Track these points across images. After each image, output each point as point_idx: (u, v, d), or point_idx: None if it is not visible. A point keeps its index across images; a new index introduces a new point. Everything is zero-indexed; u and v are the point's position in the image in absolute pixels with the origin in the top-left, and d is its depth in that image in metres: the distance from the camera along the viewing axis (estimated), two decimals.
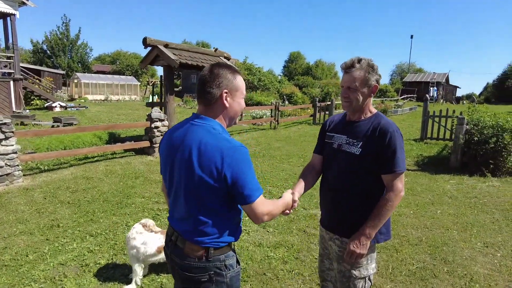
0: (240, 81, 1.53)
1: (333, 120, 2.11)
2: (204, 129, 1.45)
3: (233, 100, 1.51)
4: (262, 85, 29.35)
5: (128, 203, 4.94)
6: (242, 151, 1.38)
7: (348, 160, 1.82)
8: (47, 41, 30.17)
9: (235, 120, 1.60)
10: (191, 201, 1.45)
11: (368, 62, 1.82)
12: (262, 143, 9.94)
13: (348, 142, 1.87)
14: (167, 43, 7.64)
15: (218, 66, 1.52)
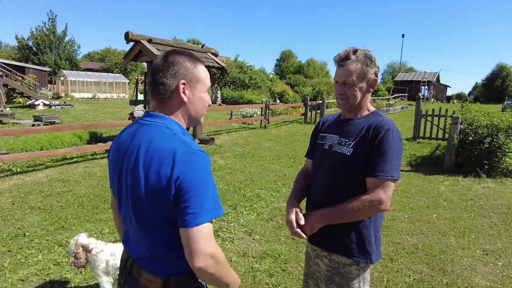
0: (202, 71, 1.23)
1: (327, 120, 1.85)
2: (156, 129, 1.14)
3: (192, 93, 1.20)
4: (253, 84, 29.06)
5: (105, 208, 4.59)
6: (201, 157, 1.07)
7: (339, 162, 1.56)
8: (33, 37, 29.33)
9: (199, 119, 1.29)
10: (141, 220, 1.15)
11: (365, 52, 1.55)
12: (251, 143, 9.64)
13: (340, 142, 1.61)
14: (150, 38, 7.28)
15: (174, 52, 1.21)
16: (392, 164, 1.43)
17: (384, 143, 1.44)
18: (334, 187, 1.58)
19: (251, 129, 12.25)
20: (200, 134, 9.11)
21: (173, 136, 1.11)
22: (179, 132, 1.15)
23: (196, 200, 1.03)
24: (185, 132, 1.21)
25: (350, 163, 1.52)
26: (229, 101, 24.60)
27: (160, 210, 1.09)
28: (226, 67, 8.61)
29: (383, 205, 1.43)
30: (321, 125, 1.86)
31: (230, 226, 4.22)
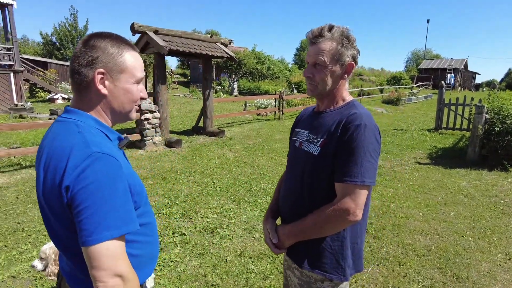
0: (129, 58, 1.02)
1: (304, 114, 1.60)
2: (64, 126, 0.96)
3: (114, 85, 1.00)
4: (271, 74, 28.61)
5: None
6: (101, 162, 0.87)
7: (306, 163, 1.33)
8: (56, 33, 30.08)
9: (129, 115, 1.09)
10: (50, 232, 0.99)
11: (342, 30, 1.29)
12: (262, 135, 9.40)
13: (308, 138, 1.38)
14: (157, 28, 7.13)
15: (97, 35, 1.01)
16: (364, 167, 1.18)
17: (353, 141, 1.19)
18: (301, 194, 1.35)
19: (264, 121, 12.00)
20: (211, 126, 8.96)
21: (76, 135, 0.92)
22: (89, 129, 0.96)
23: (91, 214, 0.84)
24: (105, 129, 1.01)
25: (317, 164, 1.29)
26: (245, 92, 24.36)
27: (61, 223, 0.92)
28: (234, 57, 8.37)
29: (351, 215, 1.19)
30: (298, 118, 1.62)
31: (231, 223, 4.05)
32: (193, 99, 19.56)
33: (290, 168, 1.49)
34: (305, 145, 1.37)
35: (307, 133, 1.40)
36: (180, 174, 5.82)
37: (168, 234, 3.77)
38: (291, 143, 1.53)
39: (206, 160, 6.67)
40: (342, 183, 1.20)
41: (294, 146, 1.48)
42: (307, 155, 1.34)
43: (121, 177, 0.91)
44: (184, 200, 4.70)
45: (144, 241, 1.07)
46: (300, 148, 1.40)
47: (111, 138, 1.03)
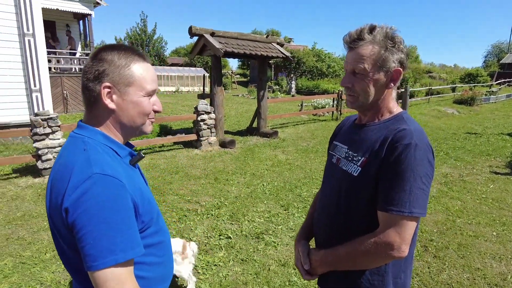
0: (138, 70, 0.97)
1: (345, 124, 1.44)
2: (72, 143, 0.96)
3: (122, 99, 0.96)
4: (331, 72, 27.81)
5: (159, 201, 4.72)
6: (101, 184, 0.84)
7: (344, 184, 1.18)
8: (128, 37, 32.69)
9: (142, 129, 1.04)
10: (61, 256, 0.97)
11: (386, 32, 1.11)
12: (317, 137, 9.12)
13: (347, 156, 1.22)
14: (213, 31, 7.27)
15: (106, 48, 0.98)
16: (413, 195, 1.00)
17: (401, 163, 1.01)
18: (337, 217, 1.21)
19: (320, 121, 11.65)
20: (264, 127, 8.93)
21: (80, 152, 0.90)
22: (96, 146, 0.93)
23: (93, 240, 0.81)
24: (114, 146, 0.97)
25: (357, 187, 1.13)
26: (303, 92, 24.00)
27: (68, 245, 0.90)
28: (289, 56, 8.21)
29: (395, 251, 1.01)
30: (338, 129, 1.47)
31: (278, 229, 3.95)
32: (250, 99, 19.80)
33: (325, 186, 1.34)
34: (343, 163, 1.22)
35: (346, 149, 1.25)
36: (231, 175, 5.86)
37: (215, 236, 3.80)
38: (329, 157, 1.38)
39: (258, 162, 6.64)
40: (386, 212, 1.03)
41: (331, 162, 1.32)
42: (345, 175, 1.18)
43: (123, 199, 0.87)
44: (233, 202, 4.71)
45: (153, 262, 1.02)
46: (337, 166, 1.25)
47: (120, 154, 0.99)
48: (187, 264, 2.81)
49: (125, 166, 0.98)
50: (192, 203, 4.69)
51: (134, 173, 1.03)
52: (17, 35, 7.71)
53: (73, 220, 0.81)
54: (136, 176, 1.02)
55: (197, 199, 4.81)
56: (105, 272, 0.81)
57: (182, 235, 3.80)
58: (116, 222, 0.83)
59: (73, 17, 14.57)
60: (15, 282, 2.94)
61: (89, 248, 0.81)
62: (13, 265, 3.20)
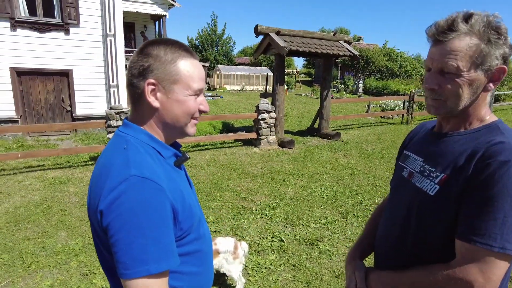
0: (184, 67, 0.91)
1: (418, 131, 1.24)
2: (115, 141, 0.93)
3: (167, 97, 0.91)
4: (403, 72, 26.03)
5: (217, 196, 4.80)
6: (140, 187, 0.79)
7: (417, 202, 0.99)
8: (199, 37, 34.35)
9: (185, 129, 0.98)
10: (99, 258, 0.95)
11: (487, 20, 0.90)
12: (385, 141, 8.52)
13: (422, 170, 1.03)
14: (279, 29, 7.20)
15: (152, 42, 0.93)
16: (507, 226, 0.79)
17: (494, 184, 0.81)
18: (405, 239, 1.03)
19: (388, 125, 10.90)
20: (326, 128, 8.63)
21: (120, 152, 0.86)
22: (138, 145, 0.88)
23: (126, 247, 0.76)
24: (158, 146, 0.93)
25: (432, 208, 0.94)
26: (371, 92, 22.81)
27: (104, 246, 0.87)
28: (357, 55, 7.79)
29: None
30: (410, 136, 1.27)
31: (333, 237, 3.74)
32: (314, 99, 19.41)
33: (393, 203, 1.16)
34: (417, 178, 1.03)
35: (421, 161, 1.06)
36: (288, 175, 5.75)
37: (267, 237, 3.73)
38: (398, 168, 1.19)
39: (317, 164, 6.42)
40: (468, 242, 0.83)
41: (401, 175, 1.13)
42: (418, 192, 1.00)
43: (160, 204, 0.81)
44: (288, 204, 4.60)
45: (190, 272, 0.96)
46: (409, 181, 1.06)
47: (164, 155, 0.94)
48: (237, 264, 2.78)
49: (168, 168, 0.93)
50: (248, 201, 4.68)
51: (178, 175, 0.97)
52: (101, 36, 8.51)
53: (107, 224, 0.78)
54: (179, 179, 0.96)
55: (252, 198, 4.79)
56: (137, 282, 0.77)
57: (236, 233, 3.80)
58: (151, 229, 0.78)
59: (150, 18, 15.69)
60: (83, 262, 3.20)
61: (121, 255, 0.77)
62: (82, 245, 3.49)
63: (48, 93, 8.34)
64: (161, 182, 0.83)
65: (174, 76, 0.90)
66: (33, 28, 7.85)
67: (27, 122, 8.20)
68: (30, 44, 7.84)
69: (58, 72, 8.26)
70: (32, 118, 8.29)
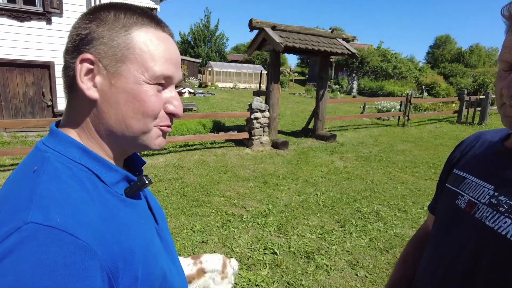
0: (142, 38, 0.58)
1: (474, 144, 0.91)
2: (28, 163, 0.57)
3: (110, 83, 0.57)
4: (397, 73, 25.93)
5: (205, 202, 4.44)
6: (37, 244, 0.44)
7: (487, 249, 0.70)
8: (192, 32, 33.74)
9: (142, 139, 0.63)
10: None
11: None
12: (381, 143, 8.25)
13: (495, 203, 0.72)
14: (274, 24, 6.85)
15: (103, 6, 0.58)
16: None
17: None
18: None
19: (384, 126, 10.65)
20: (321, 129, 8.31)
21: (27, 178, 0.53)
22: (60, 167, 0.54)
23: None
24: (97, 166, 0.58)
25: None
26: (366, 93, 22.65)
27: None
28: (356, 53, 7.48)
29: None
30: (461, 150, 0.93)
31: (331, 250, 3.41)
32: (307, 98, 19.14)
33: (443, 240, 0.83)
34: (485, 214, 0.72)
35: (490, 189, 0.74)
36: (282, 179, 5.41)
37: (259, 249, 3.38)
38: (449, 195, 0.86)
39: (312, 167, 6.09)
40: None
41: (454, 204, 0.82)
42: (490, 234, 0.69)
43: (80, 276, 0.45)
44: (281, 211, 4.26)
45: None
46: (470, 215, 0.75)
47: (106, 180, 0.58)
48: (226, 284, 2.43)
49: (111, 202, 0.56)
50: (238, 208, 4.33)
51: (132, 211, 0.60)
52: None
53: None
54: (134, 218, 0.60)
55: (243, 204, 4.44)
56: None
57: (224, 244, 3.45)
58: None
59: None
60: None
61: None
62: None
63: (27, 86, 7.84)
64: (86, 234, 0.47)
65: (122, 51, 0.55)
66: (12, 16, 7.34)
67: (3, 117, 7.70)
68: (8, 33, 7.33)
69: (39, 64, 7.76)
70: (9, 113, 7.79)
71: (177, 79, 0.62)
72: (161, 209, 0.79)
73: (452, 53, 45.45)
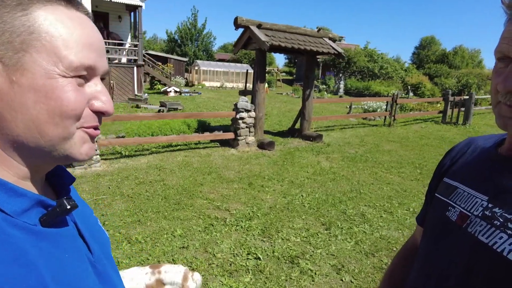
0: (49, 20, 0.43)
1: (465, 150, 0.82)
2: None
3: (10, 79, 0.42)
4: (383, 74, 26.19)
5: (187, 205, 4.29)
6: None
7: (481, 265, 0.61)
8: (179, 31, 33.37)
9: (70, 150, 0.49)
10: None
11: None
12: (368, 143, 8.23)
13: (489, 215, 0.64)
14: (260, 23, 6.73)
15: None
16: None
17: None
18: None
19: (371, 126, 10.67)
20: (308, 129, 8.24)
21: None
22: None
23: None
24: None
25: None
26: (352, 93, 22.79)
27: None
28: (343, 53, 7.43)
29: None
30: (451, 157, 0.85)
31: (316, 254, 3.32)
32: (295, 98, 19.11)
33: (433, 253, 0.75)
34: (479, 227, 0.64)
35: (484, 200, 0.66)
36: (267, 180, 5.30)
37: (242, 254, 3.26)
38: (437, 205, 0.78)
39: (298, 168, 6.00)
40: None
41: (444, 216, 0.73)
42: (485, 250, 0.61)
43: None
44: (266, 213, 4.15)
45: None
46: (462, 229, 0.67)
47: (7, 210, 0.44)
48: None
49: (14, 238, 0.42)
50: (222, 211, 4.20)
51: (49, 246, 0.46)
52: None
53: None
54: (51, 254, 0.46)
55: (227, 206, 4.31)
56: None
57: (206, 249, 3.32)
58: None
59: (125, 8, 14.85)
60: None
61: None
62: None
63: None
64: None
65: (21, 36, 0.42)
66: None
67: None
68: None
69: None
70: None
71: (101, 69, 0.49)
72: (102, 234, 0.65)
73: (437, 54, 46.26)
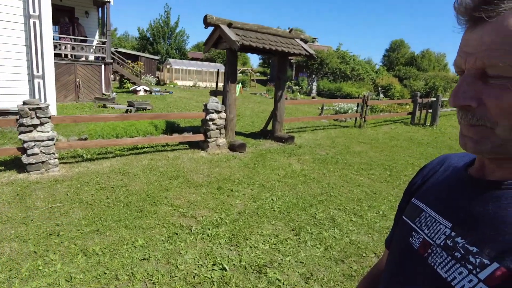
0: None
1: (437, 169, 0.72)
2: None
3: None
4: (355, 75, 26.71)
5: (150, 212, 4.05)
6: None
7: None
8: (151, 29, 32.51)
9: None
10: None
11: None
12: (338, 145, 8.26)
13: (451, 246, 0.54)
14: (231, 22, 6.56)
15: None
16: None
17: None
18: None
19: (342, 128, 10.76)
20: (280, 131, 8.16)
21: None
22: None
23: None
24: None
25: None
26: (324, 94, 23.05)
27: None
28: (314, 54, 7.39)
29: None
30: (422, 176, 0.76)
31: (285, 262, 3.20)
32: (268, 99, 19.05)
33: (395, 279, 0.65)
34: (439, 259, 0.55)
35: (447, 227, 0.57)
36: (237, 184, 5.14)
37: (207, 265, 3.09)
38: (404, 228, 0.69)
39: (269, 170, 5.89)
40: None
41: (407, 242, 0.64)
42: (442, 286, 0.52)
43: None
44: (235, 220, 3.99)
45: None
46: (423, 258, 0.58)
47: None
48: None
49: None
50: (187, 218, 4.00)
51: None
52: (22, 16, 7.22)
53: None
54: None
55: (193, 213, 4.11)
56: None
57: (168, 261, 3.12)
58: None
59: (92, 4, 14.20)
60: None
61: None
62: None
63: None
64: None
65: None
66: None
67: None
68: None
69: None
70: None
71: None
72: None
73: (406, 56, 47.89)
